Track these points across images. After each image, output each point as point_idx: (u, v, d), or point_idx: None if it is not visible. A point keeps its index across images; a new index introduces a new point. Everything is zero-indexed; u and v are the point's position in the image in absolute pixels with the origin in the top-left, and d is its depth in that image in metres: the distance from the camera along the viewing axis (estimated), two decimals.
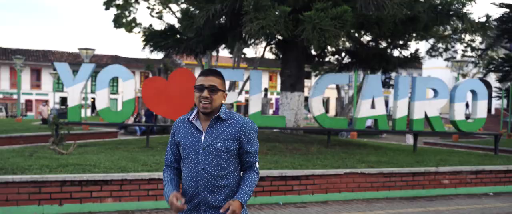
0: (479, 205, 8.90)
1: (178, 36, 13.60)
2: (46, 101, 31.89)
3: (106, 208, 7.33)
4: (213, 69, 3.09)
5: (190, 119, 3.09)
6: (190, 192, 3.03)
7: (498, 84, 30.26)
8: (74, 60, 47.85)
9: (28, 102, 52.43)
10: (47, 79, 52.17)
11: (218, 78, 3.05)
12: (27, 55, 50.42)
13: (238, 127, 3.03)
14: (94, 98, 47.65)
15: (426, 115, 12.68)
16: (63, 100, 50.28)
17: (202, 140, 3.01)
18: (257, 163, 3.16)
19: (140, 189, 7.54)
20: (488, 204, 8.97)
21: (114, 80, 47.51)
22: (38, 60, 51.89)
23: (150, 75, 49.30)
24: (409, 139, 18.97)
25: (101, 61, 47.64)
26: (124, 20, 31.68)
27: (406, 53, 15.19)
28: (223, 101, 3.11)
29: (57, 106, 46.64)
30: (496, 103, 47.47)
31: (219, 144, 2.98)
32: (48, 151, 10.29)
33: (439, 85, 12.79)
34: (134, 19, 32.06)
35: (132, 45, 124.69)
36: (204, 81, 3.01)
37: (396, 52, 15.56)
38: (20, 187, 6.92)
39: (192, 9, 11.98)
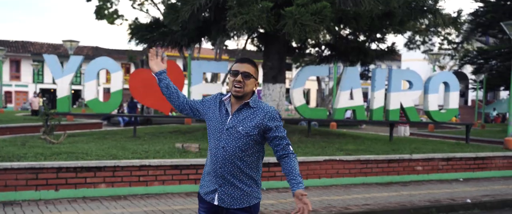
0: (449, 189, 9.52)
1: (163, 29, 13.93)
2: (38, 94, 31.74)
3: (99, 193, 7.76)
4: (248, 58, 3.37)
5: (223, 99, 3.33)
6: (211, 165, 3.31)
7: (473, 76, 31.18)
8: (55, 52, 47.65)
9: (8, 94, 52.09)
10: (26, 71, 51.92)
11: (252, 67, 3.29)
12: (6, 46, 49.96)
13: (262, 115, 3.24)
14: (74, 90, 47.72)
15: (401, 105, 13.27)
16: (43, 92, 50.10)
17: (228, 121, 3.26)
18: (290, 146, 3.32)
19: (132, 175, 7.97)
20: (457, 189, 9.59)
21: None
22: (18, 52, 51.53)
23: (132, 67, 49.43)
24: (402, 131, 19.35)
25: (82, 53, 47.56)
26: (106, 12, 31.78)
27: (383, 46, 15.76)
28: (254, 89, 3.33)
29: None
30: (472, 95, 48.63)
31: (241, 127, 3.21)
32: (39, 140, 10.65)
33: (414, 77, 13.40)
34: (116, 11, 32.16)
35: (113, 36, 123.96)
36: (239, 68, 3.25)
37: (373, 46, 16.14)
38: (18, 174, 7.32)
39: (178, 4, 12.31)
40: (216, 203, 3.31)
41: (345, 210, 7.48)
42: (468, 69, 37.40)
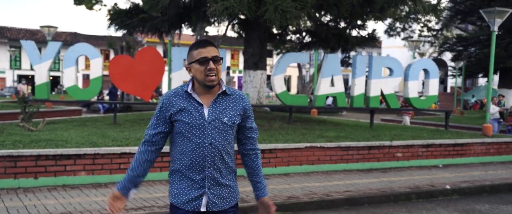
0: (429, 175, 9.63)
1: (143, 15, 13.80)
2: (27, 82, 31.27)
3: (79, 181, 7.69)
4: (207, 40, 2.96)
5: (188, 91, 2.89)
6: (192, 168, 2.86)
7: (452, 64, 31.46)
8: (32, 37, 46.92)
9: None
10: (3, 57, 51.00)
11: (216, 48, 2.91)
12: None
13: (242, 102, 2.95)
14: (53, 77, 47.11)
15: (382, 92, 13.35)
16: (20, 78, 49.39)
17: (206, 114, 2.85)
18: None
19: (112, 163, 7.91)
20: (437, 175, 9.70)
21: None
22: None
23: (112, 53, 48.94)
24: (407, 120, 19.20)
25: (61, 39, 46.89)
26: None
27: (364, 33, 15.81)
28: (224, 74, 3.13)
29: (15, 84, 45.84)
30: (451, 81, 49.15)
31: (226, 118, 2.87)
32: (17, 128, 10.50)
33: (394, 64, 13.47)
34: None
35: (92, 22, 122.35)
36: (206, 53, 2.83)
37: (354, 32, 16.18)
38: None
39: None
40: (203, 209, 2.89)
41: (327, 197, 7.52)
42: (447, 56, 37.74)
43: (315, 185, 8.36)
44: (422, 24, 32.15)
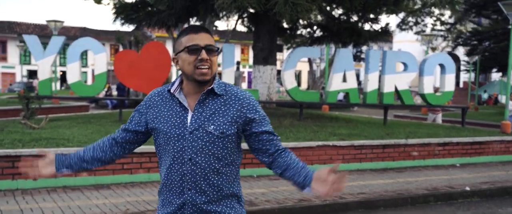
0: (446, 176, 9.19)
1: (149, 8, 13.44)
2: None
3: (81, 182, 7.34)
4: (201, 25, 2.44)
5: (171, 91, 2.30)
6: (171, 191, 2.28)
7: (466, 58, 30.88)
8: (42, 32, 46.77)
9: None
10: (13, 52, 51.00)
11: (211, 36, 2.30)
12: None
13: (238, 104, 2.26)
14: (63, 72, 46.98)
15: (396, 88, 12.90)
16: (31, 74, 49.34)
17: (189, 121, 2.23)
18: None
19: (115, 163, 7.54)
20: (454, 175, 9.26)
21: (84, 54, 46.62)
22: (3, 32, 50.56)
23: (121, 48, 48.78)
24: (436, 118, 17.34)
25: (69, 34, 46.75)
26: None
27: (376, 27, 15.34)
28: (218, 68, 2.40)
29: (25, 79, 45.78)
30: (464, 76, 48.46)
31: (213, 126, 2.21)
32: (19, 125, 10.19)
33: (409, 59, 13.01)
34: None
35: (101, 17, 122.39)
36: (199, 40, 2.22)
37: (367, 26, 15.71)
38: None
39: None
40: None
41: (340, 199, 7.12)
42: (460, 51, 37.13)
43: None
44: (435, 18, 31.52)
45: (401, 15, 30.05)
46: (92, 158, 2.46)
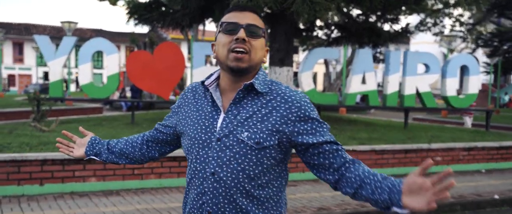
0: (472, 182, 8.73)
1: (163, 8, 13.14)
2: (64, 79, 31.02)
3: (89, 188, 7.03)
4: (250, 5, 1.94)
5: (206, 84, 1.84)
6: (193, 211, 1.81)
7: (486, 60, 30.24)
8: (58, 34, 46.90)
9: (11, 77, 51.60)
10: (30, 54, 51.29)
11: (259, 18, 1.83)
12: (9, 29, 49.44)
13: (283, 109, 1.74)
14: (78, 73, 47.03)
15: (417, 90, 12.46)
16: (47, 75, 49.50)
17: (219, 125, 1.76)
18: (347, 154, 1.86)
19: (125, 168, 7.23)
20: (481, 182, 8.80)
21: (99, 55, 46.62)
22: (21, 34, 50.86)
23: (136, 50, 48.73)
24: (468, 122, 16.97)
25: (85, 36, 46.79)
26: None
27: (396, 27, 14.87)
28: (264, 59, 1.85)
29: (41, 81, 45.90)
30: (483, 78, 47.62)
31: (246, 133, 1.71)
32: (29, 128, 9.93)
33: (431, 60, 12.56)
34: None
35: (116, 19, 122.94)
36: (239, 18, 1.76)
37: (386, 26, 15.24)
38: None
39: None
40: None
41: (361, 207, 6.71)
42: (478, 52, 36.35)
43: None
44: (454, 19, 30.94)
45: (420, 16, 29.57)
46: (120, 152, 2.16)
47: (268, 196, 1.78)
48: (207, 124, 1.78)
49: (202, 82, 1.86)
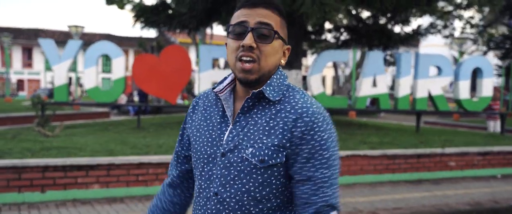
0: (488, 188, 8.44)
1: (170, 11, 12.97)
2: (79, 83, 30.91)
3: (92, 195, 6.81)
4: None
5: (218, 92, 1.59)
6: None
7: (497, 62, 29.80)
8: (67, 39, 46.90)
9: (20, 82, 51.72)
10: (38, 58, 51.40)
11: (274, 14, 1.52)
12: (18, 34, 49.59)
13: (292, 121, 1.48)
14: None
15: (429, 93, 12.17)
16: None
17: (225, 137, 1.54)
18: (335, 204, 1.57)
19: (129, 174, 7.01)
20: (497, 188, 8.50)
21: (107, 59, 46.57)
22: (30, 39, 50.99)
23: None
24: (491, 126, 16.03)
25: (93, 40, 46.77)
26: None
27: (407, 29, 14.63)
28: (282, 62, 1.59)
29: (49, 86, 45.93)
30: (494, 81, 47.09)
31: (251, 149, 1.48)
32: (32, 132, 9.76)
33: (443, 62, 12.28)
34: None
35: (124, 23, 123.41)
36: (248, 16, 1.50)
37: (397, 28, 14.98)
38: None
39: None
40: None
41: None
42: (489, 55, 35.77)
43: (359, 200, 7.29)
44: (464, 21, 30.56)
45: (430, 18, 29.24)
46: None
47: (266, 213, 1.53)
48: (214, 136, 1.56)
49: (213, 88, 1.61)
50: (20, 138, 8.79)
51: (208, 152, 1.56)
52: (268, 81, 1.53)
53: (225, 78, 1.63)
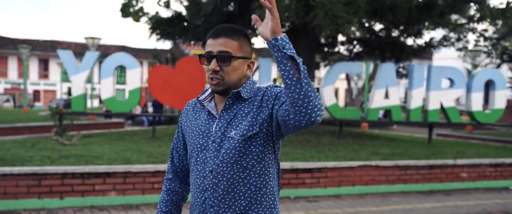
0: (500, 199, 8.49)
1: (185, 24, 13.20)
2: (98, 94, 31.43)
3: (109, 202, 6.99)
4: (227, 25, 2.05)
5: (200, 99, 2.12)
6: (196, 208, 2.08)
7: (510, 75, 29.70)
8: (82, 51, 47.43)
9: (36, 93, 52.35)
10: (55, 70, 52.00)
11: (233, 40, 2.00)
12: (35, 45, 50.28)
13: (258, 101, 2.02)
14: None
15: (441, 105, 12.24)
16: (70, 91, 50.08)
17: (214, 129, 2.04)
18: None
19: (145, 182, 7.19)
20: (509, 199, 8.55)
21: (123, 70, 47.03)
22: (46, 51, 51.68)
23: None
24: None
25: (109, 51, 47.28)
26: (131, 9, 31.17)
27: (420, 42, 14.70)
28: (248, 73, 2.09)
29: (65, 96, 46.43)
30: (508, 94, 46.77)
31: (233, 131, 1.99)
32: (51, 141, 9.98)
33: (456, 74, 12.36)
34: (141, 8, 31.54)
35: (140, 35, 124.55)
36: (212, 46, 1.99)
37: (409, 41, 15.05)
38: (19, 180, 6.60)
39: None
40: None
41: None
42: (502, 68, 35.62)
43: (371, 209, 7.39)
44: (478, 34, 30.51)
45: (443, 30, 29.24)
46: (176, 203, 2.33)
47: (260, 183, 2.02)
48: (203, 129, 2.07)
49: (198, 98, 2.16)
50: (39, 147, 9.01)
51: (201, 142, 2.06)
52: (243, 85, 2.05)
53: (206, 90, 2.17)
